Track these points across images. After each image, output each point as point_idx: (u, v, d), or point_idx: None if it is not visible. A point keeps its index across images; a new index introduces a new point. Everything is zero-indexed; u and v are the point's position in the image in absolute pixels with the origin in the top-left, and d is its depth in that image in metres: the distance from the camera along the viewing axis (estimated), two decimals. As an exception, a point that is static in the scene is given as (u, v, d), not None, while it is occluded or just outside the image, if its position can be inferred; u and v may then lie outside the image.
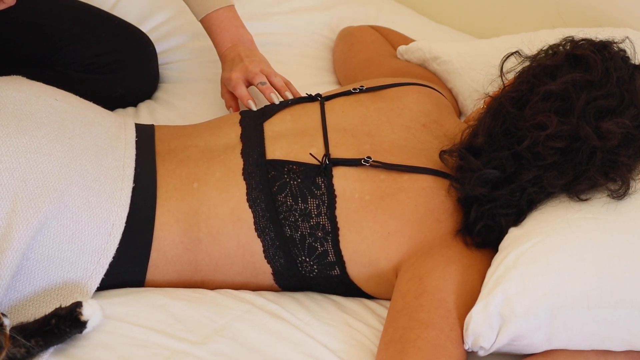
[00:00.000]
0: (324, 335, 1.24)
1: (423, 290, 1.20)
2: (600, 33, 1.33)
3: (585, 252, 1.16)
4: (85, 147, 1.28)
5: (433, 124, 1.40)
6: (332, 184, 1.29)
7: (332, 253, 1.28)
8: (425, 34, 1.96)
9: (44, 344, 1.14)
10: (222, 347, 1.19)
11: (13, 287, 1.19)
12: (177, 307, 1.24)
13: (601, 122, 1.22)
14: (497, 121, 1.27)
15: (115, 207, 1.26)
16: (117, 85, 1.73)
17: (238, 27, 1.65)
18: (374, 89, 1.45)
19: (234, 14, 1.65)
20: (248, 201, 1.29)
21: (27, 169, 1.21)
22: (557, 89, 1.24)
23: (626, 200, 1.21)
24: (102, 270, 1.23)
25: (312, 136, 1.34)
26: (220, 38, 1.63)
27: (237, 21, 1.65)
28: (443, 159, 1.31)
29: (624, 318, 1.14)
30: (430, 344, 1.15)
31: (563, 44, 1.31)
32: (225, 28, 1.63)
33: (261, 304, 1.28)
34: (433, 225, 1.27)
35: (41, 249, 1.20)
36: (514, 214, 1.25)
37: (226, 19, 1.64)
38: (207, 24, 1.65)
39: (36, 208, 1.19)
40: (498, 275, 1.17)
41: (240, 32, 1.65)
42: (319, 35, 1.98)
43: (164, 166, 1.33)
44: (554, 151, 1.22)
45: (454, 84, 1.66)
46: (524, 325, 1.14)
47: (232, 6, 1.65)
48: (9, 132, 1.23)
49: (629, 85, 1.25)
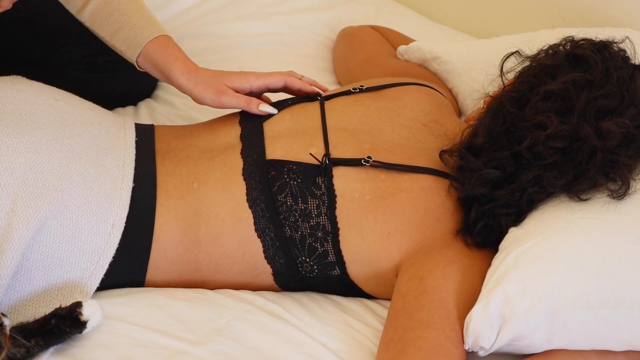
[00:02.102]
0: (324, 335, 1.24)
1: (423, 290, 1.20)
2: (600, 33, 1.33)
3: (585, 252, 1.15)
4: (85, 147, 1.28)
5: (433, 124, 1.40)
6: (332, 183, 1.29)
7: (332, 253, 1.28)
8: (425, 34, 1.96)
9: (44, 344, 1.14)
10: (222, 347, 1.19)
11: (13, 287, 1.19)
12: (177, 307, 1.24)
13: (601, 122, 1.22)
14: (497, 121, 1.27)
15: (115, 207, 1.26)
16: (116, 83, 1.72)
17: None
18: (374, 89, 1.45)
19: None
20: (248, 201, 1.29)
21: (27, 168, 1.21)
22: (557, 88, 1.24)
23: (626, 200, 1.21)
24: (102, 270, 1.23)
25: (312, 136, 1.34)
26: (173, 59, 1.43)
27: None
28: (443, 158, 1.31)
29: (624, 318, 1.14)
30: (431, 344, 1.15)
31: (563, 44, 1.31)
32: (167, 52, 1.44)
33: (261, 304, 1.28)
34: (433, 225, 1.27)
35: (41, 249, 1.20)
36: (514, 214, 1.25)
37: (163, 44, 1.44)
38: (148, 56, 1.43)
39: (36, 208, 1.19)
40: (498, 275, 1.17)
41: None
42: (319, 35, 1.98)
43: (163, 166, 1.33)
44: (554, 151, 1.22)
45: (454, 83, 1.66)
46: (524, 325, 1.14)
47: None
48: (9, 132, 1.23)
49: (629, 85, 1.25)
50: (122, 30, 1.43)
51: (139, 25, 1.43)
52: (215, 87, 1.37)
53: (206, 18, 1.98)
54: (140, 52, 1.42)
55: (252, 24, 1.98)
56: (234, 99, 1.37)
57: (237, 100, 1.37)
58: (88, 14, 1.46)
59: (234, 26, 1.96)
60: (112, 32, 1.44)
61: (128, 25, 1.43)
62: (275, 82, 1.41)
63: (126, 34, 1.43)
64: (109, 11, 1.44)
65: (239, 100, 1.37)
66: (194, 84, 1.38)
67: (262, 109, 1.37)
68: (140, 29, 1.42)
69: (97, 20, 1.46)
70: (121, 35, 1.43)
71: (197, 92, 1.38)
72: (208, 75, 1.39)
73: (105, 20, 1.45)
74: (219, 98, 1.37)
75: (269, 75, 1.41)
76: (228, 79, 1.39)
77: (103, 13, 1.45)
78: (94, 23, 1.46)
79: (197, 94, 1.38)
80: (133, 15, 1.44)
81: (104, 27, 1.45)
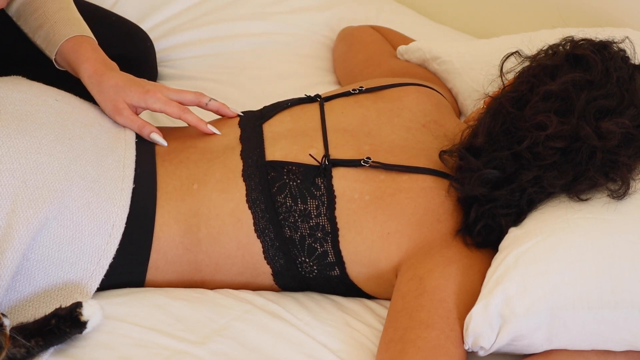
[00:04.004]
0: (324, 335, 1.24)
1: (423, 291, 1.20)
2: (600, 33, 1.33)
3: (585, 252, 1.15)
4: (86, 148, 1.28)
5: (433, 124, 1.40)
6: (331, 184, 1.29)
7: (332, 253, 1.28)
8: (425, 34, 1.96)
9: (44, 344, 1.14)
10: (222, 347, 1.19)
11: (13, 287, 1.19)
12: (177, 307, 1.24)
13: (601, 122, 1.22)
14: (497, 121, 1.27)
15: (116, 207, 1.26)
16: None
17: None
18: (374, 90, 1.45)
19: None
20: (248, 202, 1.29)
21: (28, 169, 1.21)
22: (557, 89, 1.24)
23: (626, 200, 1.21)
24: (102, 270, 1.23)
25: (311, 137, 1.34)
26: None
27: None
28: (443, 159, 1.31)
29: (624, 318, 1.14)
30: (430, 344, 1.15)
31: (563, 44, 1.31)
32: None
33: (261, 304, 1.28)
34: (433, 225, 1.27)
35: (41, 250, 1.20)
36: (514, 214, 1.25)
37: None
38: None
39: (36, 208, 1.19)
40: (498, 275, 1.17)
41: None
42: (319, 35, 1.98)
43: (163, 167, 1.33)
44: (554, 151, 1.22)
45: (454, 84, 1.66)
46: (524, 325, 1.14)
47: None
48: (9, 132, 1.23)
49: (629, 85, 1.25)
50: (43, 28, 1.42)
51: (59, 24, 1.42)
52: (113, 103, 1.37)
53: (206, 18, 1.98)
54: (57, 50, 1.41)
55: (252, 24, 1.98)
56: (128, 121, 1.36)
57: (131, 123, 1.37)
58: (15, 9, 1.45)
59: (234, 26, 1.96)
60: (34, 28, 1.43)
61: (49, 23, 1.42)
62: (171, 114, 1.37)
63: (46, 31, 1.42)
64: (33, 7, 1.44)
65: (132, 123, 1.36)
66: (96, 91, 1.38)
67: (152, 137, 1.36)
68: (60, 27, 1.41)
69: (22, 15, 1.45)
70: (42, 32, 1.42)
71: (99, 101, 1.38)
72: (110, 85, 1.36)
73: (29, 16, 1.44)
74: (114, 116, 1.37)
75: (168, 104, 1.37)
76: (128, 94, 1.36)
77: (29, 9, 1.44)
78: (19, 18, 1.45)
79: (99, 103, 1.38)
80: (55, 13, 1.43)
81: (27, 23, 1.44)
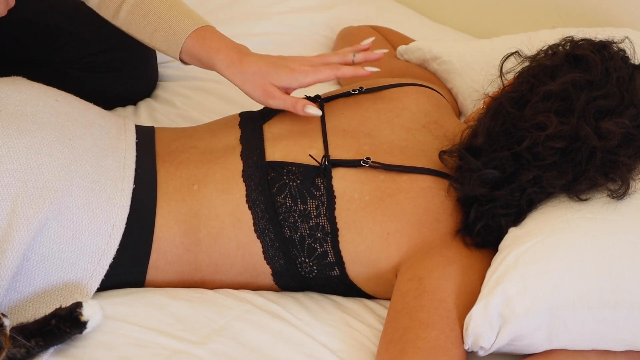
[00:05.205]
0: (324, 335, 1.24)
1: (423, 291, 1.20)
2: (600, 33, 1.33)
3: (585, 252, 1.15)
4: (86, 149, 1.28)
5: (433, 125, 1.40)
6: (331, 185, 1.29)
7: (332, 254, 1.28)
8: (425, 34, 1.96)
9: (44, 344, 1.14)
10: (222, 347, 1.19)
11: (13, 287, 1.20)
12: (177, 307, 1.24)
13: (601, 122, 1.22)
14: (497, 121, 1.27)
15: (116, 208, 1.26)
16: (116, 83, 1.72)
17: None
18: (374, 90, 1.45)
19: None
20: (247, 202, 1.29)
21: (28, 169, 1.21)
22: (557, 89, 1.24)
23: (626, 200, 1.21)
24: (102, 271, 1.24)
25: (311, 137, 1.34)
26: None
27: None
28: (443, 159, 1.31)
29: (624, 318, 1.14)
30: (430, 344, 1.15)
31: (563, 44, 1.31)
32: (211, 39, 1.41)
33: (261, 304, 1.28)
34: (433, 225, 1.27)
35: (41, 250, 1.20)
36: (513, 214, 1.25)
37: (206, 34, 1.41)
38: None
39: (36, 209, 1.19)
40: (498, 275, 1.17)
41: None
42: (319, 35, 1.98)
43: (164, 168, 1.33)
44: (553, 151, 1.22)
45: (454, 84, 1.66)
46: (524, 325, 1.14)
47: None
48: (10, 132, 1.23)
49: (629, 85, 1.25)
50: (159, 30, 1.39)
51: (175, 22, 1.38)
52: (262, 87, 1.35)
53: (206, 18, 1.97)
54: (181, 50, 1.39)
55: (252, 24, 1.98)
56: (281, 101, 1.35)
57: (284, 103, 1.35)
58: (123, 18, 1.42)
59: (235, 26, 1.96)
60: (150, 33, 1.40)
61: (164, 23, 1.39)
62: (325, 78, 1.37)
63: (163, 33, 1.39)
64: (143, 12, 1.40)
65: (285, 102, 1.35)
66: (241, 81, 1.36)
67: (307, 111, 1.34)
68: (176, 25, 1.38)
69: (133, 23, 1.41)
70: (159, 35, 1.40)
71: (246, 90, 1.36)
72: (254, 72, 1.35)
73: (140, 21, 1.40)
74: (266, 100, 1.36)
75: (318, 72, 1.36)
76: (275, 77, 1.35)
77: (137, 14, 1.40)
78: (130, 27, 1.42)
79: (246, 91, 1.37)
80: (167, 11, 1.39)
81: (140, 29, 1.41)
